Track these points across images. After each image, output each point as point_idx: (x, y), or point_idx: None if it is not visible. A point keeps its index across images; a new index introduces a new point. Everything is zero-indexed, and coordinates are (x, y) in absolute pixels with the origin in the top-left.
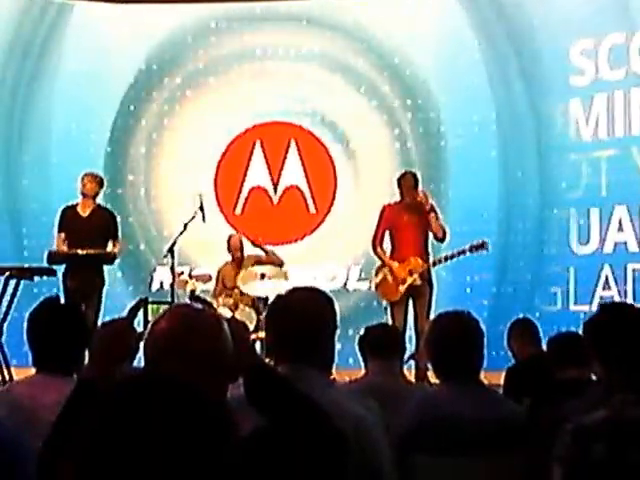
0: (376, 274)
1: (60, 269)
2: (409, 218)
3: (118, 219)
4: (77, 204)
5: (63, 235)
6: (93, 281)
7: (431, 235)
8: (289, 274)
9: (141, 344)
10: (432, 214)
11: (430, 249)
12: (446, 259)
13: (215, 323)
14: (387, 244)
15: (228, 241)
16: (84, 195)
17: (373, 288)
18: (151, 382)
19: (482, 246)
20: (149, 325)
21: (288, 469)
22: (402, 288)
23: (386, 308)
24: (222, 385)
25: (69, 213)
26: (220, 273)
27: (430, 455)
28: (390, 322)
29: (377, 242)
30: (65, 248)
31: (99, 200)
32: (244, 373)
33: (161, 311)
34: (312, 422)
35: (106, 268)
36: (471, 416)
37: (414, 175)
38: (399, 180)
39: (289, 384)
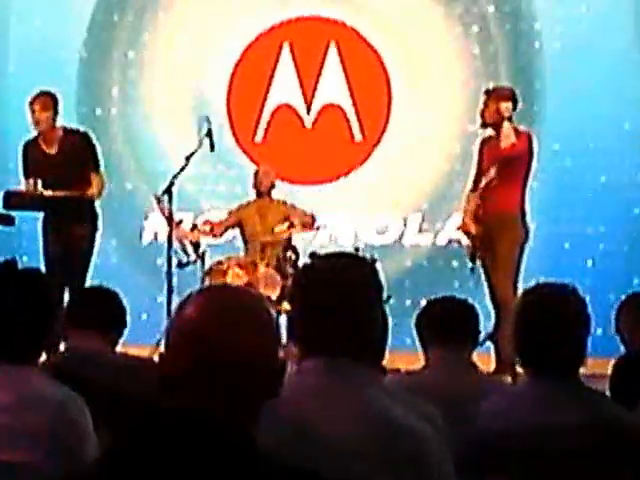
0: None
1: (28, 218)
2: (491, 151)
3: (96, 144)
4: (39, 136)
5: (32, 182)
6: (80, 231)
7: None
8: (325, 224)
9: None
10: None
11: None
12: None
13: (265, 317)
14: None
15: (256, 173)
16: (40, 130)
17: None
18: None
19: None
20: (176, 309)
21: None
22: (468, 242)
23: (473, 269)
24: (256, 405)
25: (32, 152)
26: (237, 215)
27: (508, 478)
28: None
29: (473, 185)
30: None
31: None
32: None
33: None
34: None
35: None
36: (566, 426)
37: (510, 90)
38: (486, 91)
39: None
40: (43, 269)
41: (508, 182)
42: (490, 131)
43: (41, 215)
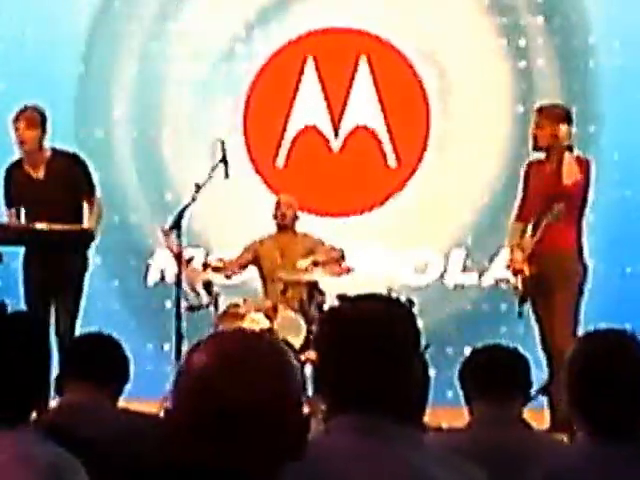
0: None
1: (16, 254)
2: (543, 178)
3: (90, 168)
4: (23, 160)
5: (14, 211)
6: (68, 268)
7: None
8: (354, 262)
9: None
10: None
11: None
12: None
13: (283, 366)
14: None
15: (277, 201)
16: (25, 150)
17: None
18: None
19: None
20: (185, 357)
21: None
22: (517, 282)
23: (521, 313)
24: (274, 462)
25: (16, 176)
26: (255, 250)
27: None
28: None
29: (520, 212)
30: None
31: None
32: None
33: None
34: None
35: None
36: None
37: (563, 108)
38: (538, 109)
39: None
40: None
41: (565, 217)
42: (539, 154)
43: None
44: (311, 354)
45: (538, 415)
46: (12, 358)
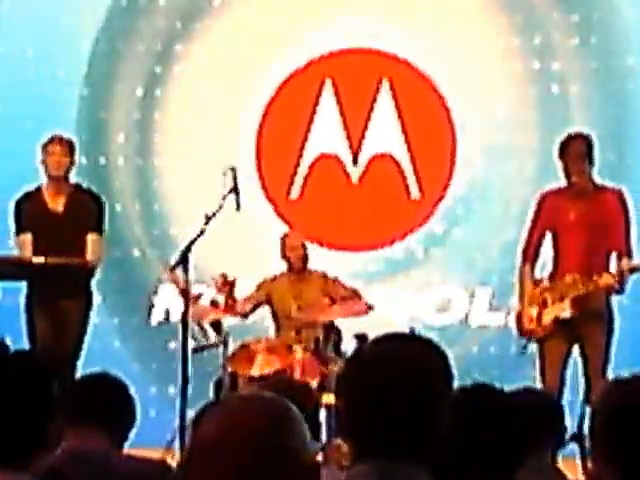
0: (520, 299)
1: (11, 290)
2: (577, 214)
3: (106, 207)
4: (41, 190)
5: (30, 237)
6: (72, 305)
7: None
8: (372, 300)
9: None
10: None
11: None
12: (632, 271)
13: (288, 428)
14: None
15: (283, 241)
16: (51, 176)
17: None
18: None
19: None
20: (191, 424)
21: None
22: (547, 319)
23: (524, 349)
24: None
25: (32, 207)
26: (267, 289)
27: None
28: (539, 377)
29: (529, 251)
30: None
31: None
32: None
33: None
34: None
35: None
36: None
37: (586, 140)
38: (561, 148)
39: None
40: None
41: (600, 250)
42: (561, 182)
43: (24, 288)
44: (327, 398)
45: (569, 464)
46: (11, 400)
